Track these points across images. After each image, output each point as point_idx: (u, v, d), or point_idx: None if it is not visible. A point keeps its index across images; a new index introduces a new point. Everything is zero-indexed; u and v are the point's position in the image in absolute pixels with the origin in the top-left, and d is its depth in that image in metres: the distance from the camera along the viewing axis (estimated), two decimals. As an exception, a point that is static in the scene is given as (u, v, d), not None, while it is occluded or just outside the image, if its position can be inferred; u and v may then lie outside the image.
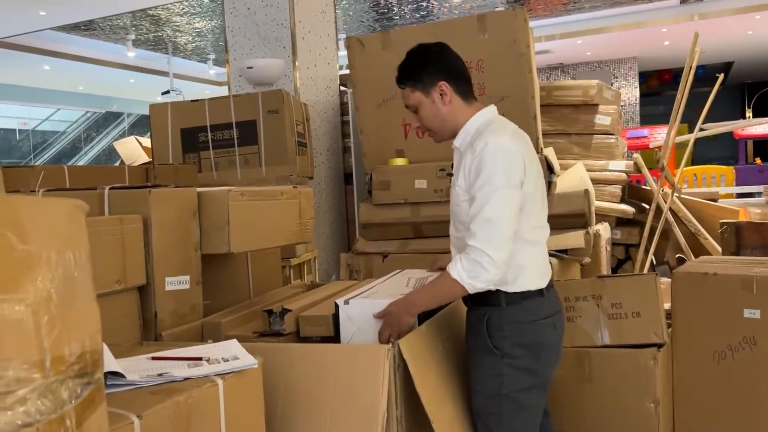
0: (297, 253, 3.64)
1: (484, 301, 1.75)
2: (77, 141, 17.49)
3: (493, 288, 1.70)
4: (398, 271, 2.27)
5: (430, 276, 2.05)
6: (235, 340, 1.45)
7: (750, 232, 2.74)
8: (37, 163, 15.11)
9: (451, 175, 1.90)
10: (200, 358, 1.33)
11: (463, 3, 8.71)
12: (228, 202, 1.84)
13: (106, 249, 1.60)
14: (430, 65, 1.81)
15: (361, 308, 1.75)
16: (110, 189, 1.77)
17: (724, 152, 14.78)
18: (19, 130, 16.79)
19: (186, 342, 1.62)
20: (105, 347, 1.27)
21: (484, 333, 1.74)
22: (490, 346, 1.73)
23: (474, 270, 1.63)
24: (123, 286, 1.65)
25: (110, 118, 17.60)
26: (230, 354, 1.36)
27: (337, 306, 1.78)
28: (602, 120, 3.86)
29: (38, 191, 1.87)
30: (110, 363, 1.23)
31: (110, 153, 15.55)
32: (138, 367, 1.28)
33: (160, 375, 1.24)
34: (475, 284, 1.64)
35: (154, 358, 1.35)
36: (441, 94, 1.79)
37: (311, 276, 3.96)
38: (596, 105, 3.89)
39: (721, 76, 3.64)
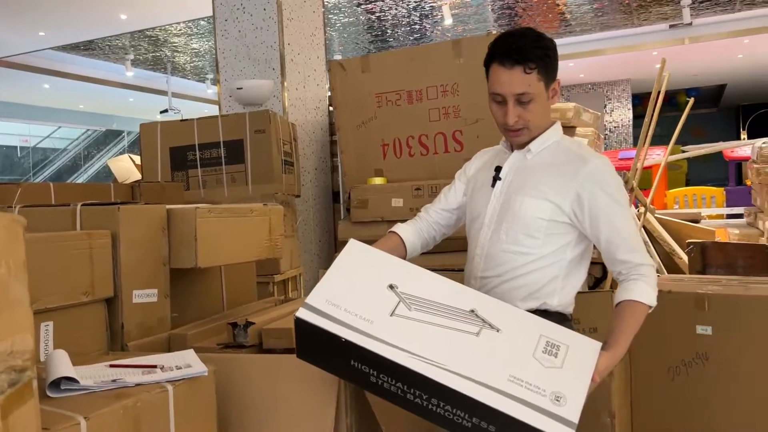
0: (281, 269, 3.70)
1: None
2: (77, 158, 17.67)
3: (552, 309, 1.64)
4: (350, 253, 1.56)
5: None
6: (191, 350, 1.52)
7: (715, 252, 2.82)
8: (37, 180, 15.24)
9: (499, 179, 1.72)
10: (154, 366, 1.40)
11: (455, 26, 8.88)
12: (195, 219, 1.92)
13: (74, 262, 1.67)
14: (557, 61, 1.64)
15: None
16: (82, 205, 1.85)
17: (719, 174, 14.88)
18: (20, 147, 16.97)
19: (151, 353, 1.70)
20: (64, 354, 1.35)
21: None
22: None
23: (655, 290, 1.58)
24: (91, 298, 1.72)
25: (110, 136, 17.80)
26: (184, 362, 1.44)
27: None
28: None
29: (15, 207, 1.95)
30: (67, 369, 1.30)
31: (110, 170, 15.72)
32: (94, 374, 1.35)
33: (114, 381, 1.31)
34: (654, 304, 1.60)
35: (111, 366, 1.42)
36: (554, 93, 1.65)
37: (296, 293, 4.02)
38: (573, 127, 3.98)
39: (691, 101, 3.73)
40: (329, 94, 4.80)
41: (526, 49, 1.58)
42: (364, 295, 1.39)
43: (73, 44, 9.42)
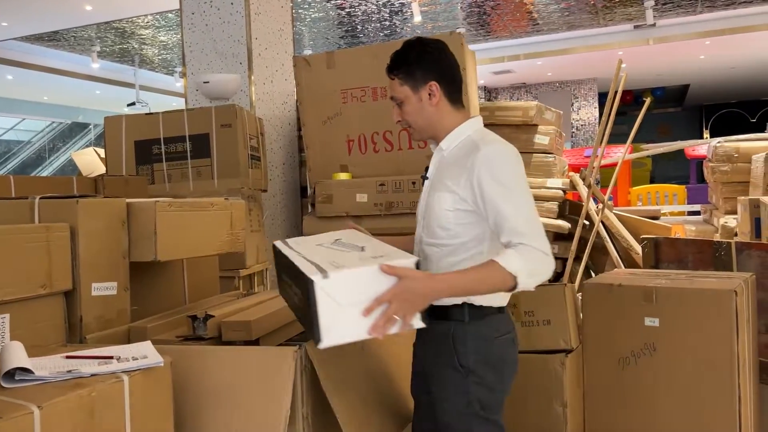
0: (247, 264, 3.71)
1: (445, 316, 1.69)
2: (42, 151, 17.31)
3: (452, 302, 1.66)
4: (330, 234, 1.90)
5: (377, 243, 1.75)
6: (148, 342, 1.55)
7: (667, 247, 2.92)
8: (1, 173, 14.89)
9: (426, 178, 1.83)
10: (111, 357, 1.42)
11: (425, 24, 8.93)
12: (155, 213, 1.94)
13: (31, 255, 1.68)
14: (426, 62, 1.75)
15: (345, 281, 1.40)
16: (41, 198, 1.85)
17: (682, 172, 15.24)
18: (-18, 140, 16.58)
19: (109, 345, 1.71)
20: (19, 345, 1.37)
21: (451, 350, 1.68)
22: (457, 364, 1.68)
23: (536, 269, 1.55)
24: (48, 291, 1.73)
25: (76, 129, 17.47)
26: (140, 353, 1.46)
27: (311, 282, 1.39)
28: (541, 140, 4.04)
29: (-29, 200, 1.94)
30: (21, 359, 1.32)
31: (75, 164, 15.45)
32: (49, 365, 1.37)
33: (69, 371, 1.33)
34: (530, 283, 1.55)
35: (67, 357, 1.44)
36: (429, 95, 1.75)
37: (262, 287, 4.04)
38: (535, 125, 4.07)
39: (648, 100, 3.84)
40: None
41: (391, 60, 1.79)
42: (314, 239, 1.83)
43: (37, 35, 9.24)
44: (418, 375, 1.86)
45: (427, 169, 1.84)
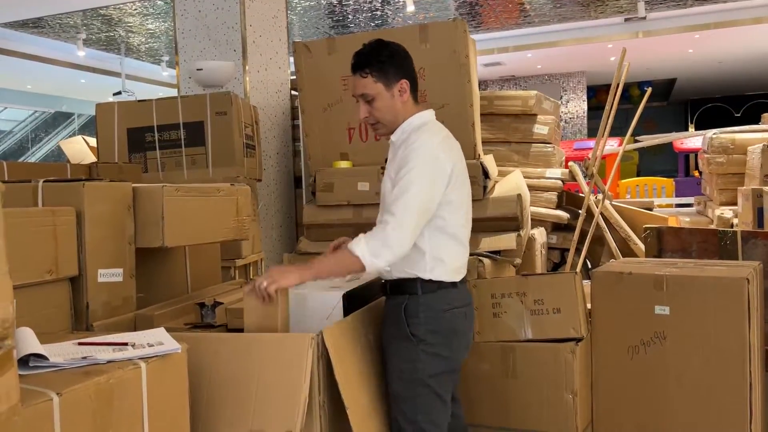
0: (242, 254, 3.67)
1: (401, 290, 1.85)
2: (24, 141, 17.01)
3: (406, 276, 1.82)
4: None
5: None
6: (162, 328, 1.50)
7: (670, 237, 2.91)
8: (-19, 163, 14.59)
9: (384, 168, 2.01)
10: (126, 344, 1.38)
11: (417, 13, 8.87)
12: (163, 197, 1.89)
13: (37, 240, 1.63)
14: (397, 62, 1.91)
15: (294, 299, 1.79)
16: (44, 182, 1.79)
17: (668, 165, 15.35)
18: (-38, 129, 16.26)
19: (118, 333, 1.66)
20: (30, 331, 1.32)
21: (402, 320, 1.82)
22: (408, 332, 1.81)
23: (379, 249, 1.71)
24: (54, 276, 1.68)
25: (60, 118, 17.18)
26: (156, 340, 1.41)
27: None
28: (540, 129, 4.02)
29: (-29, 183, 1.87)
30: (35, 346, 1.27)
31: (59, 154, 15.18)
32: (63, 351, 1.32)
33: (84, 358, 1.29)
34: (376, 262, 1.72)
35: (80, 344, 1.39)
36: (400, 91, 1.89)
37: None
38: (535, 115, 4.05)
39: (649, 91, 3.83)
40: (292, 77, 4.75)
41: (361, 58, 1.92)
42: None
43: (21, 21, 9.04)
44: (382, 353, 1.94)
45: (386, 160, 2.01)
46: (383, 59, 1.90)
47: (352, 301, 1.90)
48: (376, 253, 1.71)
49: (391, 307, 1.88)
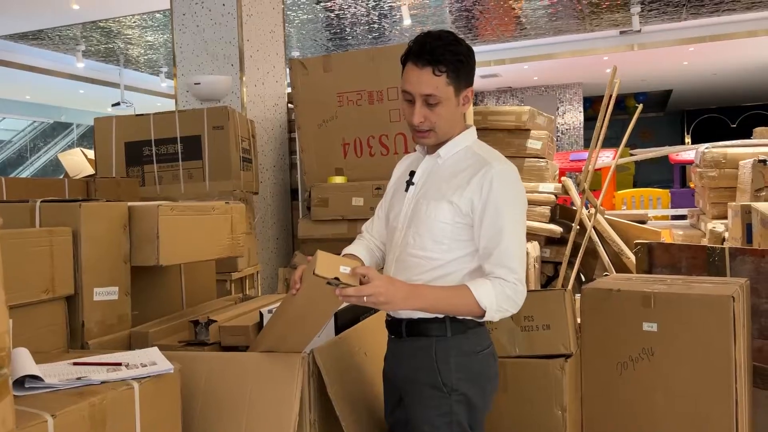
0: (238, 267, 3.69)
1: (425, 331, 1.62)
2: (23, 151, 17.05)
3: (432, 315, 1.60)
4: None
5: None
6: (155, 348, 1.53)
7: (661, 252, 2.94)
8: (-20, 173, 14.68)
9: (412, 183, 1.73)
10: (119, 364, 1.41)
11: (414, 27, 8.95)
12: (158, 216, 1.92)
13: (34, 260, 1.66)
14: (472, 64, 1.64)
15: None
16: (42, 202, 1.83)
17: (665, 175, 15.42)
18: (-38, 139, 16.31)
19: (112, 351, 1.69)
20: (26, 352, 1.35)
21: (434, 368, 1.61)
22: (439, 382, 1.60)
23: (507, 304, 1.55)
24: (51, 296, 1.71)
25: (58, 129, 17.24)
26: (149, 360, 1.44)
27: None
28: (533, 144, 4.06)
29: (-31, 203, 1.91)
30: (30, 367, 1.30)
31: (57, 164, 15.22)
32: (58, 372, 1.35)
33: (79, 378, 1.32)
34: (496, 317, 1.56)
35: (75, 364, 1.42)
36: (464, 100, 1.65)
37: (254, 290, 4.02)
38: (528, 130, 4.10)
39: (640, 107, 3.89)
40: (289, 91, 4.81)
41: (438, 51, 1.56)
42: None
43: (21, 33, 9.11)
44: (391, 396, 1.75)
45: (412, 174, 1.73)
46: (461, 58, 1.59)
47: (343, 316, 1.93)
48: (503, 309, 1.55)
49: (412, 350, 1.65)
